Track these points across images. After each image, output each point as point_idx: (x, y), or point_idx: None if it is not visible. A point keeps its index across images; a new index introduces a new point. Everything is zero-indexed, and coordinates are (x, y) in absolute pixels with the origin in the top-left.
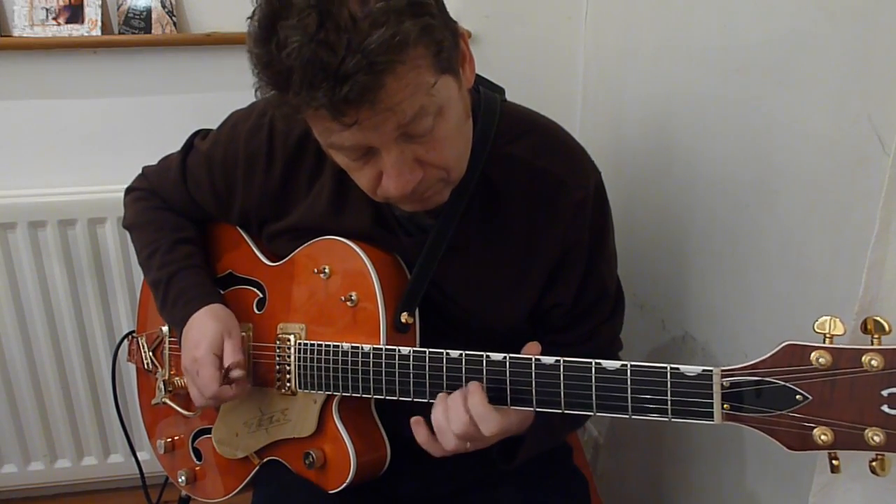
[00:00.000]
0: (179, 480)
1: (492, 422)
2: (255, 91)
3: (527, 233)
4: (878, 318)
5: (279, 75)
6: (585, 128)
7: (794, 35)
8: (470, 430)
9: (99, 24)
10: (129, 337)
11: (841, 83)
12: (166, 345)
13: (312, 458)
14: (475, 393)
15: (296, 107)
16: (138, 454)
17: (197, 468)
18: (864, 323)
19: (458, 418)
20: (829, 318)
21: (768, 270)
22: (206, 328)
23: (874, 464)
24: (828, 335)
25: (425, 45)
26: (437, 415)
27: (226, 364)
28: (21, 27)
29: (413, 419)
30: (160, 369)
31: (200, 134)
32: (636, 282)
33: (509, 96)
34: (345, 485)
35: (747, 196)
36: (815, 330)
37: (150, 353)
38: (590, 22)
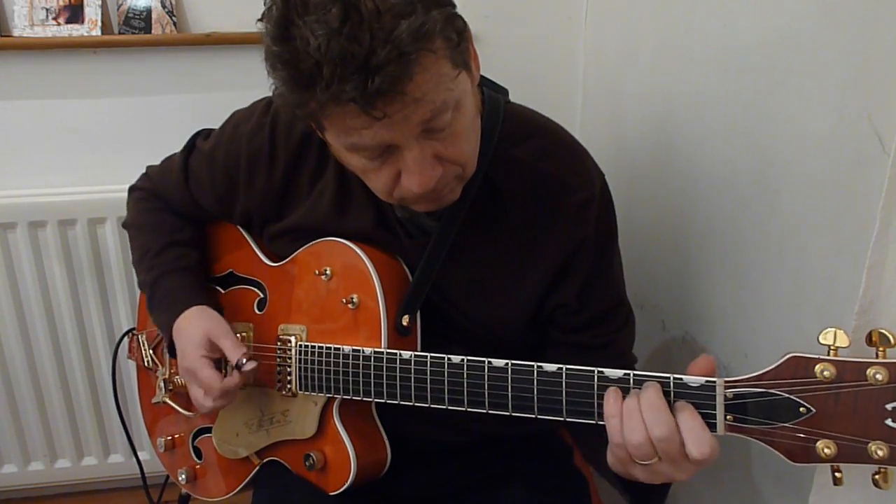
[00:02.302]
0: (180, 479)
1: (706, 443)
2: (273, 92)
3: (530, 236)
4: (882, 331)
5: (305, 72)
6: (585, 128)
7: (794, 35)
8: (670, 445)
9: (99, 24)
10: (130, 334)
11: (841, 83)
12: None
13: (313, 459)
14: (689, 408)
15: (322, 104)
16: (139, 454)
17: (197, 467)
18: (870, 335)
19: (662, 424)
20: (833, 329)
21: (768, 270)
22: (189, 333)
23: (877, 477)
24: (832, 347)
25: (446, 36)
26: (630, 402)
27: (232, 361)
28: (21, 27)
29: (610, 390)
30: (161, 367)
31: (202, 134)
32: (636, 282)
33: (509, 96)
34: (345, 487)
35: (747, 196)
36: (819, 342)
37: (151, 351)
38: (590, 22)
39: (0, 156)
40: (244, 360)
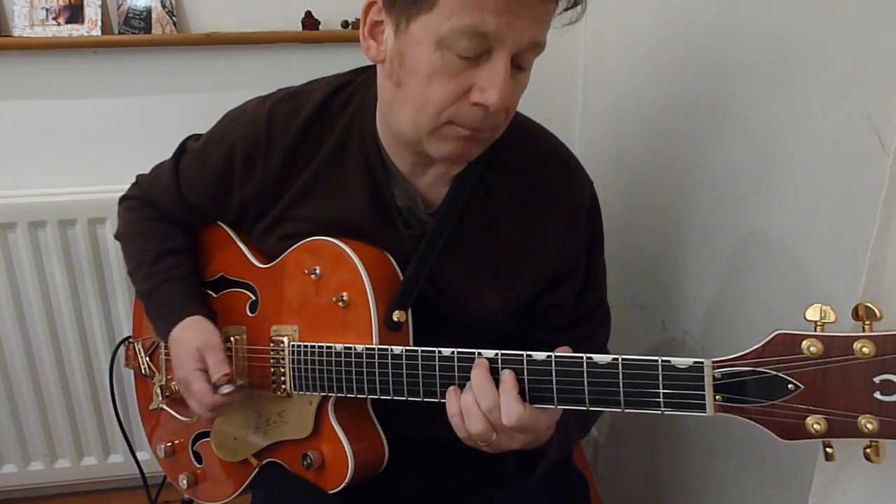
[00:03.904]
0: (181, 484)
1: (514, 413)
2: None
3: (522, 238)
4: (868, 305)
5: None
6: (585, 129)
7: (794, 35)
8: (496, 415)
9: (99, 24)
10: (126, 342)
11: (841, 83)
12: (162, 350)
13: (310, 459)
14: (508, 380)
15: None
16: (138, 454)
17: (198, 471)
18: (856, 309)
19: (488, 398)
20: (820, 305)
21: (768, 270)
22: (184, 345)
23: (868, 450)
24: (819, 323)
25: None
26: (467, 397)
27: (213, 380)
28: (21, 27)
29: (450, 388)
30: (157, 374)
31: (192, 137)
32: (636, 282)
33: None
34: (343, 485)
35: (747, 196)
36: (806, 318)
37: (147, 359)
38: (590, 22)
39: (0, 156)
40: (223, 382)
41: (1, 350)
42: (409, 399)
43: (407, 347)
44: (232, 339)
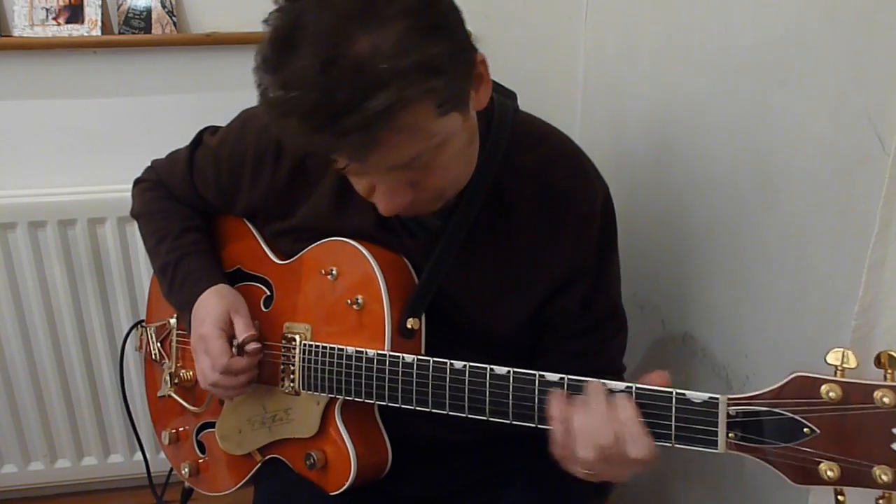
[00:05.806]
0: (183, 472)
1: (644, 444)
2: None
3: (533, 243)
4: (892, 353)
5: (282, 114)
6: (585, 128)
7: (794, 35)
8: (614, 448)
9: (99, 24)
10: (139, 326)
11: (841, 83)
12: (174, 337)
13: (313, 459)
14: (629, 408)
15: (294, 136)
16: (139, 452)
17: (200, 461)
18: (878, 357)
19: (605, 430)
20: (842, 350)
21: (768, 270)
22: (210, 306)
23: (881, 501)
24: (839, 368)
25: (427, 105)
26: (580, 420)
27: (239, 339)
28: (21, 27)
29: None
30: (167, 361)
31: (209, 130)
32: (636, 282)
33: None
34: (345, 487)
35: (747, 196)
36: (826, 362)
37: (158, 345)
38: (590, 22)
39: (0, 156)
40: (248, 343)
41: (1, 350)
42: (418, 408)
43: (419, 357)
44: None
